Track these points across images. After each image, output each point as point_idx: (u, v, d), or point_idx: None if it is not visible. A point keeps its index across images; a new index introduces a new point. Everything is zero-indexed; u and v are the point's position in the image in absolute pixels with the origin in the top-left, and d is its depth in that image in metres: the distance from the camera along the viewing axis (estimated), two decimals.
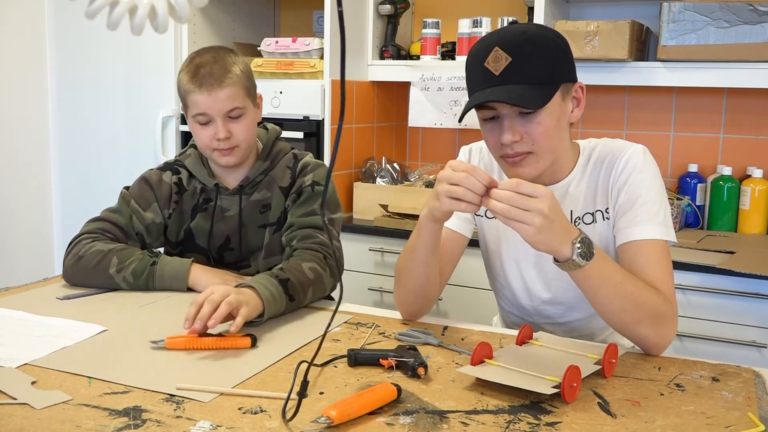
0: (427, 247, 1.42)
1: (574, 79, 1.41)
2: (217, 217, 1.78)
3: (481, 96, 1.34)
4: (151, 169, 1.84)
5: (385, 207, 2.74)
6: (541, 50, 1.34)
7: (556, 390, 1.12)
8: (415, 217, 2.64)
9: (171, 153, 2.99)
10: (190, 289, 1.67)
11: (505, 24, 2.67)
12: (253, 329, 1.39)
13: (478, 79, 1.36)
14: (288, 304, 1.50)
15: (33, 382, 1.15)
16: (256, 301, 1.42)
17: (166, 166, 1.84)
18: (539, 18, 2.58)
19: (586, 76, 1.45)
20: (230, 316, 1.36)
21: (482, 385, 1.19)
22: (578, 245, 1.22)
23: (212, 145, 1.69)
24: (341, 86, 0.96)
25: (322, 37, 2.82)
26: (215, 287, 1.37)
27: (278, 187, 1.78)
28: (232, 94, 1.66)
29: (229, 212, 1.78)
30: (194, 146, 1.82)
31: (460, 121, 1.40)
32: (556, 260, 1.26)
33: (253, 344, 1.34)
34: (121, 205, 1.79)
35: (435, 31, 2.85)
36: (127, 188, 1.83)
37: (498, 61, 1.32)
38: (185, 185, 1.81)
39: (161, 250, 1.83)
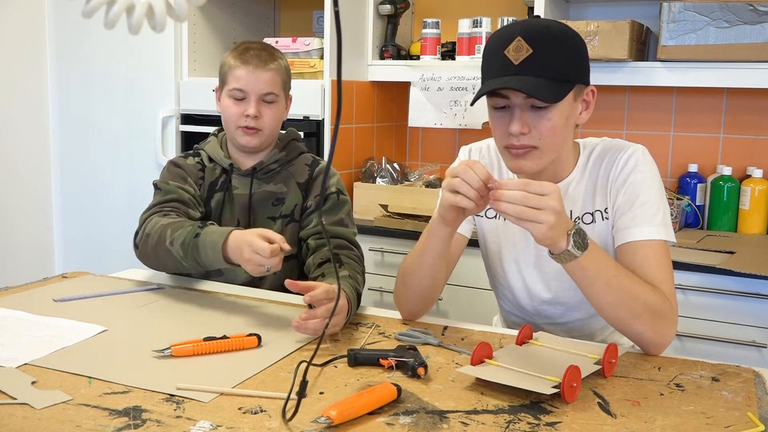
0: (437, 250, 1.42)
1: (588, 82, 1.41)
2: (228, 197, 1.82)
3: (497, 83, 1.34)
4: (174, 157, 1.91)
5: (385, 207, 2.74)
6: (562, 47, 1.34)
7: (556, 390, 1.12)
8: (415, 217, 2.64)
9: (171, 153, 2.99)
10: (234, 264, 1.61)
11: (506, 24, 2.67)
12: (255, 330, 1.39)
13: (495, 66, 1.36)
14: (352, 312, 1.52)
15: (33, 382, 1.15)
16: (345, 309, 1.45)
17: (187, 154, 1.90)
18: None
19: None
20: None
21: (482, 385, 1.19)
22: (573, 236, 1.23)
23: (239, 122, 1.75)
24: (338, 86, 0.95)
25: (322, 37, 2.82)
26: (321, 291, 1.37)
27: (296, 182, 1.84)
28: (272, 78, 1.76)
29: (238, 190, 1.82)
30: (215, 135, 1.90)
31: (472, 104, 1.40)
32: (550, 252, 1.26)
33: (259, 343, 1.34)
34: (164, 186, 1.78)
35: (435, 31, 2.85)
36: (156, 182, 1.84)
37: (519, 51, 1.32)
38: (206, 164, 1.86)
39: None
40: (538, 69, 1.32)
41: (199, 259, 1.58)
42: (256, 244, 1.45)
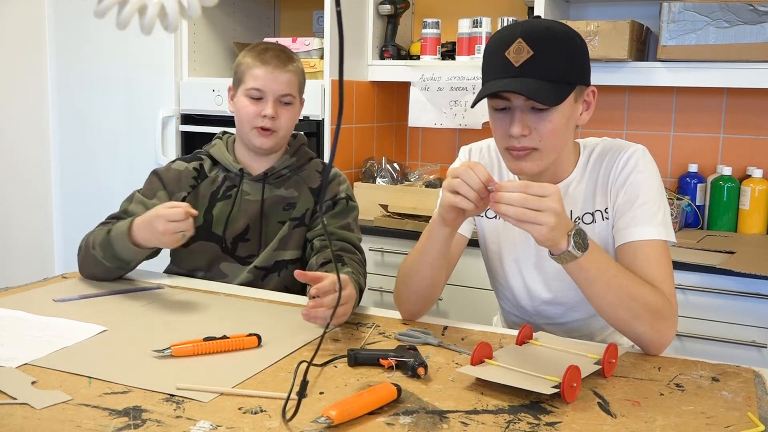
0: (437, 251, 1.42)
1: (588, 83, 1.41)
2: (238, 202, 1.80)
3: (498, 85, 1.33)
4: (159, 167, 1.89)
5: (385, 207, 2.74)
6: (563, 49, 1.34)
7: (556, 390, 1.12)
8: (415, 217, 2.64)
9: (171, 153, 3.00)
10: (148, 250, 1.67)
11: (506, 24, 2.67)
12: (255, 330, 1.39)
13: (496, 67, 1.35)
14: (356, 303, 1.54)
15: (33, 382, 1.15)
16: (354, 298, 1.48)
17: (185, 158, 1.87)
18: None
19: None
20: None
21: (482, 385, 1.19)
22: (574, 237, 1.23)
23: (255, 122, 1.75)
24: (339, 86, 0.95)
25: (322, 37, 2.82)
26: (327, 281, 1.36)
27: (308, 188, 1.84)
28: (290, 80, 1.77)
29: (250, 196, 1.81)
30: (220, 137, 1.89)
31: (473, 106, 1.40)
32: (551, 253, 1.26)
33: (259, 343, 1.34)
34: (123, 203, 1.83)
35: (435, 31, 2.85)
36: None
37: (520, 53, 1.32)
38: (206, 172, 1.84)
39: None
40: (538, 71, 1.31)
41: (115, 254, 1.67)
42: (168, 212, 1.55)
